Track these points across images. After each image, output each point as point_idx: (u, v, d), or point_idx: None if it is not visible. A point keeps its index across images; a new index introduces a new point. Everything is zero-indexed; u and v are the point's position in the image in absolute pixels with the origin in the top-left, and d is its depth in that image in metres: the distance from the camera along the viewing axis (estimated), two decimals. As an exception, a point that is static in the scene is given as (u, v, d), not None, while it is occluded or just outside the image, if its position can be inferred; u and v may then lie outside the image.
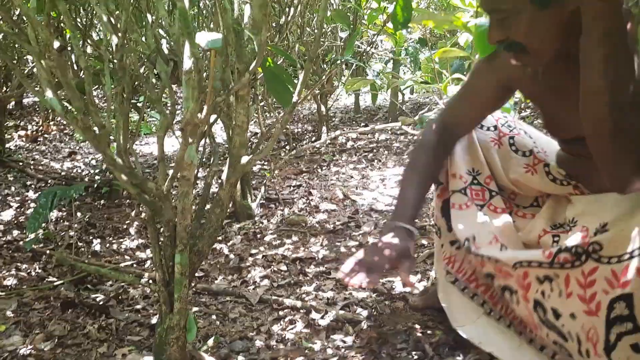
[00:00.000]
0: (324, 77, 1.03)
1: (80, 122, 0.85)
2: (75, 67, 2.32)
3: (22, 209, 2.45)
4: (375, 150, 3.16)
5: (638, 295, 0.82)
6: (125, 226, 2.28)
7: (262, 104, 2.90)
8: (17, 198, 2.61)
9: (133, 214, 2.43)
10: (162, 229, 1.10)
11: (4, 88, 3.09)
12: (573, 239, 0.99)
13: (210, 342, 1.23)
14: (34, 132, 3.92)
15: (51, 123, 4.15)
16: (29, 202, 2.56)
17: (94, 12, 2.36)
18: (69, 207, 2.50)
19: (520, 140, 1.29)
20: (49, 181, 2.85)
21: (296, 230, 2.09)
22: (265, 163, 3.14)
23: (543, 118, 1.22)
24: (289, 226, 2.13)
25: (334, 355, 1.21)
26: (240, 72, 1.12)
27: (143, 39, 1.15)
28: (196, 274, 1.56)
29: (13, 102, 4.59)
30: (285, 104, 1.60)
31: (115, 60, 0.97)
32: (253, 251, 1.93)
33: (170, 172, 1.05)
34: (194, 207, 1.15)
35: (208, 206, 1.21)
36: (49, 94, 0.86)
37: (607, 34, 0.85)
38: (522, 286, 1.04)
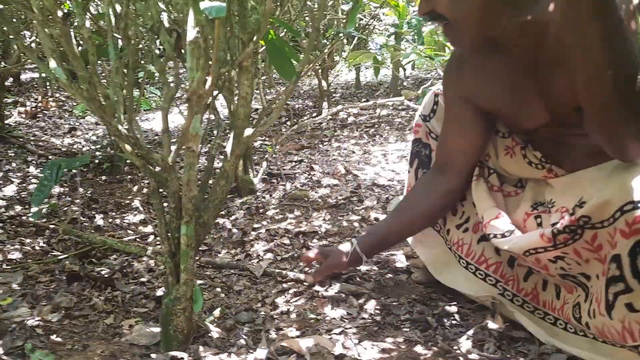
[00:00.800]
0: (325, 50, 1.02)
1: (85, 93, 0.85)
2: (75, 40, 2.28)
3: (24, 185, 2.45)
4: (376, 126, 3.15)
5: (624, 256, 0.85)
6: (127, 201, 2.28)
7: (263, 78, 2.87)
8: (19, 174, 2.60)
9: (135, 189, 2.43)
10: (167, 201, 1.10)
11: (2, 63, 3.07)
12: (558, 220, 1.03)
13: (216, 313, 1.25)
14: (33, 109, 3.89)
15: (50, 99, 4.12)
16: (30, 177, 2.56)
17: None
18: (71, 182, 2.50)
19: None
20: (50, 157, 2.85)
21: (299, 205, 2.09)
22: (267, 139, 3.13)
23: (504, 120, 1.22)
24: (291, 201, 2.14)
25: (338, 326, 1.22)
26: (245, 43, 1.11)
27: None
28: (200, 248, 1.57)
29: (11, 79, 4.56)
30: (288, 76, 1.59)
31: (117, 31, 0.96)
32: (256, 225, 1.93)
33: (172, 144, 1.05)
34: (198, 179, 1.15)
35: (211, 180, 1.21)
36: (52, 63, 0.85)
37: (597, 4, 0.78)
38: (541, 268, 1.06)
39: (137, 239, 1.87)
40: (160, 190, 1.11)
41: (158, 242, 1.82)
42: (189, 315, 1.11)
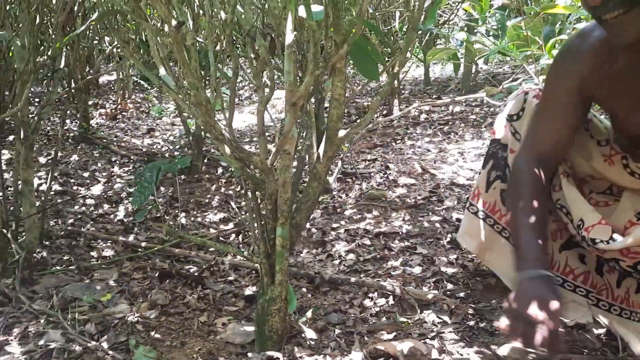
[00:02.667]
0: (405, 47, 0.99)
1: (193, 98, 0.87)
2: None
3: (110, 184, 2.56)
4: (450, 123, 3.08)
5: None
6: (207, 200, 2.34)
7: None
8: (104, 173, 2.73)
9: (213, 188, 2.49)
10: (263, 203, 1.11)
11: (87, 68, 3.22)
12: None
13: (309, 314, 1.25)
14: (113, 110, 4.07)
15: (128, 101, 4.29)
16: (115, 177, 2.68)
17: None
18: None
19: (595, 126, 1.22)
20: (132, 157, 2.96)
21: (376, 205, 2.07)
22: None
23: (615, 119, 1.16)
24: (368, 200, 2.13)
25: (430, 331, 1.20)
26: (338, 44, 1.11)
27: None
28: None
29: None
30: (371, 77, 1.57)
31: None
32: (334, 225, 1.93)
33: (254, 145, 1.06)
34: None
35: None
36: (162, 70, 0.87)
37: None
38: None
39: (220, 237, 1.91)
40: (239, 191, 1.12)
41: (242, 241, 1.86)
42: (283, 316, 1.13)
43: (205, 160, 2.86)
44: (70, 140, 3.19)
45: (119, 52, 4.03)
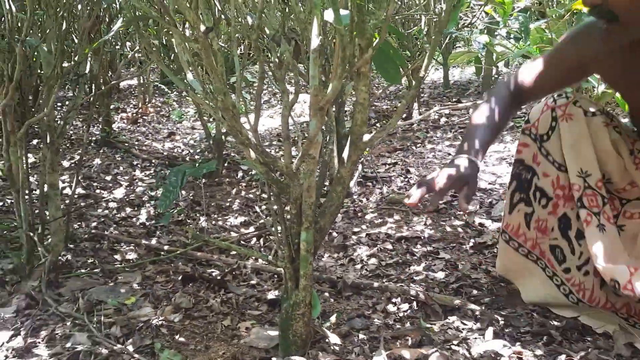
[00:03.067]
0: (432, 51, 0.98)
1: (220, 103, 0.87)
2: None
3: (132, 187, 2.59)
4: (471, 127, 3.06)
5: None
6: (227, 204, 2.35)
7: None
8: (126, 177, 2.76)
9: (234, 192, 2.50)
10: (287, 207, 1.11)
11: (109, 72, 3.26)
12: None
13: (333, 318, 1.25)
14: (134, 114, 4.11)
15: (149, 105, 4.33)
16: (136, 180, 2.70)
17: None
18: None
19: (626, 129, 1.20)
20: (153, 161, 2.99)
21: (397, 209, 2.06)
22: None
23: (631, 106, 1.18)
24: (389, 205, 2.11)
25: (455, 337, 1.19)
26: (363, 49, 1.10)
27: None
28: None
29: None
30: (393, 80, 1.57)
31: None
32: (355, 229, 1.93)
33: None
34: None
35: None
36: (189, 75, 0.88)
37: None
38: None
39: (242, 241, 1.91)
40: (261, 194, 1.12)
41: (263, 245, 1.86)
42: (307, 321, 1.12)
43: (226, 164, 2.87)
44: (92, 144, 3.24)
45: (140, 57, 4.08)
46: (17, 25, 1.36)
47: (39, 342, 1.19)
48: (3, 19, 1.44)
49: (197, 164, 2.86)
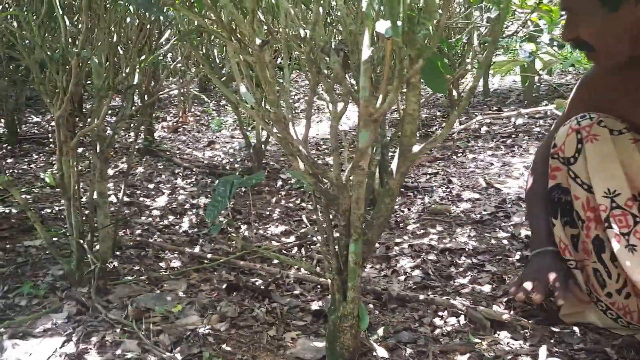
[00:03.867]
0: (485, 61, 0.97)
1: (272, 115, 0.88)
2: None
3: (174, 195, 2.63)
4: (514, 136, 3.00)
5: None
6: (268, 212, 2.36)
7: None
8: (168, 185, 2.80)
9: (274, 200, 2.52)
10: (335, 218, 1.11)
11: (152, 82, 3.33)
12: None
13: (380, 331, 1.24)
14: (175, 123, 4.19)
15: (188, 114, 4.41)
16: (178, 188, 2.75)
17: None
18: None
19: None
20: (194, 169, 3.03)
21: (440, 220, 2.04)
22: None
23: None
24: (431, 215, 2.09)
25: (507, 353, 1.16)
26: (413, 59, 1.09)
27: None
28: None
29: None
30: (438, 90, 1.55)
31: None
32: (397, 240, 1.91)
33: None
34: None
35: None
36: (242, 88, 0.89)
37: None
38: None
39: (283, 251, 1.92)
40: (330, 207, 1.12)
41: (305, 255, 1.86)
42: (355, 333, 1.11)
43: (266, 173, 2.89)
44: (135, 152, 3.30)
45: (181, 67, 4.16)
46: (71, 38, 1.40)
47: (90, 349, 1.21)
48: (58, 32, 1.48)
49: (237, 172, 2.89)
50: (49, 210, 2.33)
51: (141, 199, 2.56)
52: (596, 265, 1.22)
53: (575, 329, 1.25)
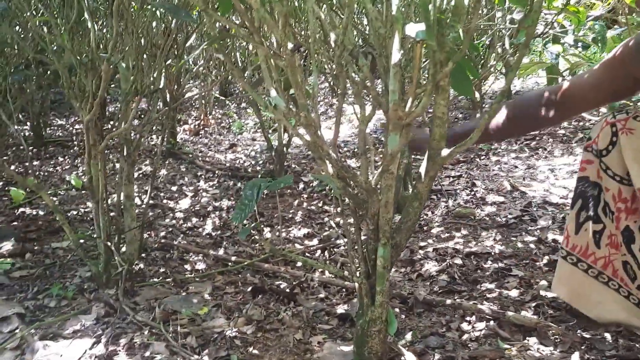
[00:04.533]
0: (516, 64, 0.95)
1: (303, 119, 0.88)
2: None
3: (197, 198, 2.64)
4: (538, 138, 2.97)
5: None
6: (290, 215, 2.36)
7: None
8: (191, 187, 2.82)
9: (296, 203, 2.52)
10: (363, 222, 1.10)
11: (176, 86, 3.35)
12: None
13: (408, 336, 1.23)
14: (196, 126, 4.22)
15: (210, 117, 4.44)
16: (201, 191, 2.77)
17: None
18: (237, 196, 2.66)
19: None
20: (216, 172, 3.05)
21: (465, 223, 2.02)
22: (418, 153, 3.08)
23: None
24: (456, 219, 2.07)
25: (535, 359, 1.14)
26: (442, 62, 1.08)
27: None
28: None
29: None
30: (465, 92, 1.53)
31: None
32: (422, 244, 1.89)
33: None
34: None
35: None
36: (273, 92, 0.89)
37: None
38: None
39: (307, 253, 1.92)
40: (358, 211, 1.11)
41: (329, 258, 1.86)
42: (383, 338, 1.11)
43: (287, 175, 2.90)
44: (156, 154, 3.34)
45: (203, 70, 4.19)
46: (100, 44, 1.42)
47: (119, 350, 1.22)
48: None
49: (259, 175, 2.90)
50: (75, 212, 2.36)
51: (165, 201, 2.58)
52: (626, 258, 1.20)
53: (607, 335, 1.23)
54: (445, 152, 1.12)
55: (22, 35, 1.91)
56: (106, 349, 1.23)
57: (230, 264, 1.79)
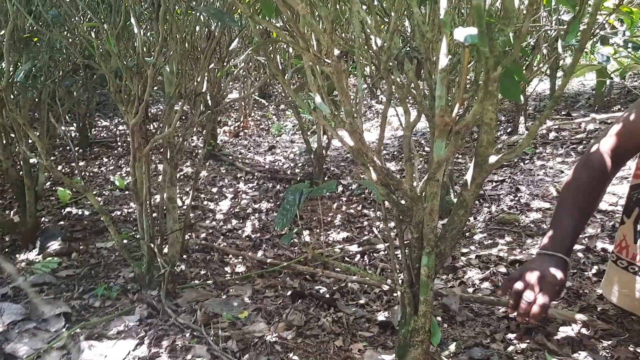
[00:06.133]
0: (570, 69, 0.92)
1: (348, 126, 0.86)
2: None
3: (237, 200, 2.66)
4: (584, 142, 2.87)
5: None
6: (329, 218, 2.35)
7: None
8: (231, 189, 2.85)
9: (334, 206, 2.51)
10: (407, 230, 1.08)
11: (217, 89, 3.39)
12: None
13: (452, 347, 1.20)
14: (236, 128, 4.26)
15: (249, 119, 4.47)
16: (241, 193, 2.79)
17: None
18: (275, 198, 2.67)
19: None
20: (256, 174, 3.07)
21: (508, 230, 1.97)
22: (460, 156, 3.03)
23: None
24: (499, 225, 2.02)
25: (587, 375, 1.10)
26: (490, 67, 1.05)
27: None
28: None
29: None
30: (512, 97, 1.49)
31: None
32: (464, 250, 1.86)
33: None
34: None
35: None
36: (318, 99, 0.88)
37: None
38: None
39: (347, 258, 1.90)
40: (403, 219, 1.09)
41: (369, 263, 1.84)
42: (426, 348, 1.08)
43: (325, 178, 2.89)
44: (198, 157, 3.38)
45: (242, 73, 4.22)
46: (145, 48, 1.44)
47: (162, 352, 1.24)
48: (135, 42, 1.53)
49: (298, 178, 2.90)
50: (118, 213, 2.41)
51: (205, 202, 2.61)
52: None
53: (662, 351, 1.17)
54: (492, 159, 1.09)
55: (70, 41, 1.96)
56: (149, 350, 1.24)
57: (265, 266, 1.79)
